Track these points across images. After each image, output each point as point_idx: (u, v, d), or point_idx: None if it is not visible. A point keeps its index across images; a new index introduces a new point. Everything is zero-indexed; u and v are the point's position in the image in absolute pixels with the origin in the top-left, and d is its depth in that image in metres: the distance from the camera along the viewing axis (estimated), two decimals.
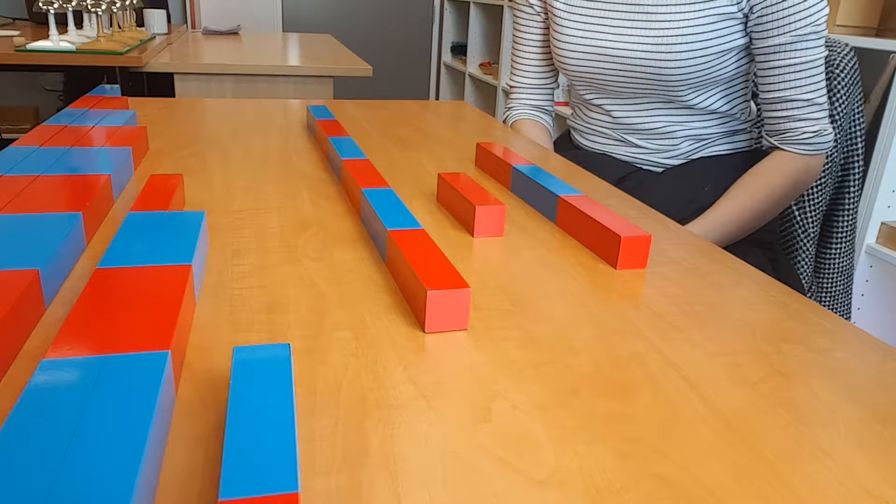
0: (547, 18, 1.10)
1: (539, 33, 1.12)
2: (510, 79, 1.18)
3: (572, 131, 1.18)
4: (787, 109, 0.93)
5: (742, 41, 0.94)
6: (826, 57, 1.03)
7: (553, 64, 1.14)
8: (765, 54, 0.92)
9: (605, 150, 1.09)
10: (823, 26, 0.89)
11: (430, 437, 0.34)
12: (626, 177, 1.05)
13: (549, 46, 1.12)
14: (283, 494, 0.25)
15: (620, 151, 1.08)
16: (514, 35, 1.16)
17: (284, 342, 0.37)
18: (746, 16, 0.92)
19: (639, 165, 1.07)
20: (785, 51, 0.90)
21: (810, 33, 0.88)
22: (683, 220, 0.95)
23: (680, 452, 0.34)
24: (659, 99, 1.01)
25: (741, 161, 1.01)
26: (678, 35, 0.94)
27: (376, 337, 0.43)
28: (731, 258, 0.60)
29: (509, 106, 1.18)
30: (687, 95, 0.99)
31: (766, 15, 0.90)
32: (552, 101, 1.18)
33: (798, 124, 0.93)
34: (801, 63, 0.90)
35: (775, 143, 0.96)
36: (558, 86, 1.19)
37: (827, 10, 0.89)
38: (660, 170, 1.05)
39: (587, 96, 1.08)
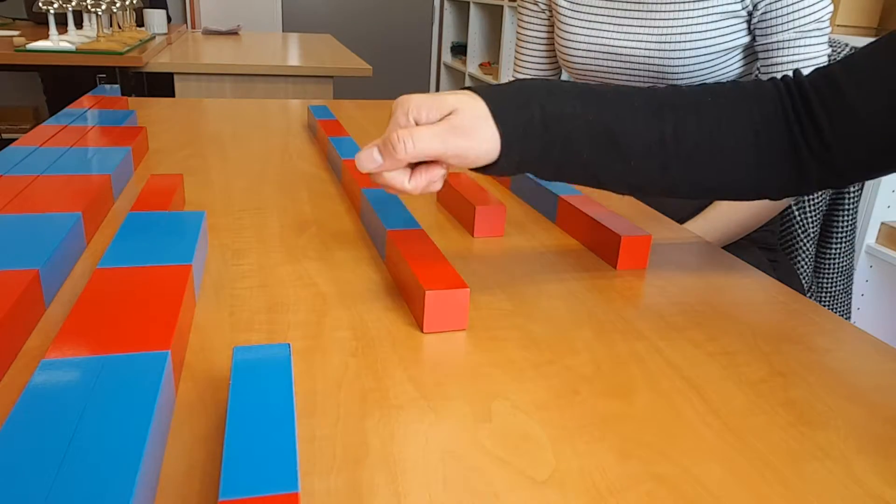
0: (551, 16, 1.10)
1: (542, 30, 1.12)
2: (512, 75, 1.18)
3: None
4: None
5: (746, 39, 0.94)
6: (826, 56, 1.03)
7: (556, 61, 1.14)
8: (768, 51, 0.93)
9: None
10: (827, 23, 0.89)
11: (430, 437, 0.34)
12: None
13: (552, 43, 1.12)
14: (283, 494, 0.25)
15: None
16: (517, 32, 1.16)
17: (284, 342, 0.37)
18: (751, 13, 0.93)
19: None
20: (788, 47, 0.90)
21: (814, 30, 0.89)
22: (683, 220, 0.95)
23: (680, 452, 0.34)
24: None
25: None
26: (683, 33, 0.94)
27: (376, 337, 0.43)
28: (731, 258, 0.60)
29: None
30: None
31: (770, 11, 0.90)
32: None
33: None
34: (805, 60, 0.90)
35: None
36: None
37: (831, 8, 0.89)
38: None
39: None
